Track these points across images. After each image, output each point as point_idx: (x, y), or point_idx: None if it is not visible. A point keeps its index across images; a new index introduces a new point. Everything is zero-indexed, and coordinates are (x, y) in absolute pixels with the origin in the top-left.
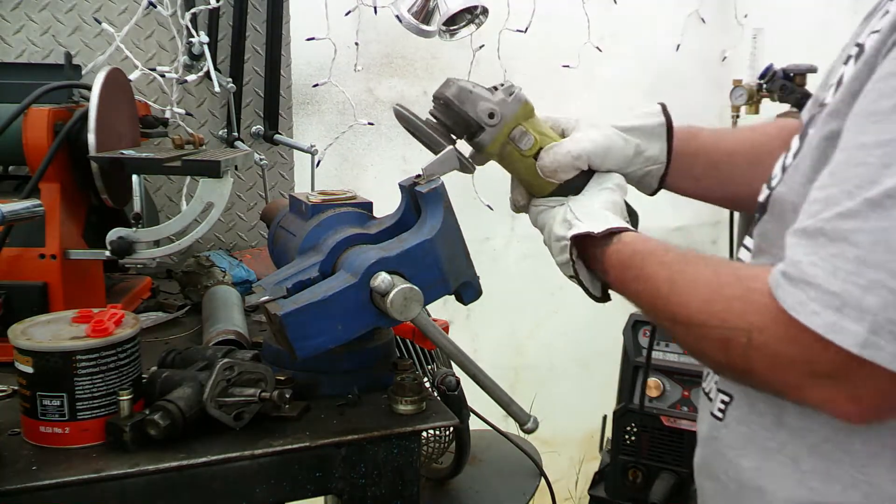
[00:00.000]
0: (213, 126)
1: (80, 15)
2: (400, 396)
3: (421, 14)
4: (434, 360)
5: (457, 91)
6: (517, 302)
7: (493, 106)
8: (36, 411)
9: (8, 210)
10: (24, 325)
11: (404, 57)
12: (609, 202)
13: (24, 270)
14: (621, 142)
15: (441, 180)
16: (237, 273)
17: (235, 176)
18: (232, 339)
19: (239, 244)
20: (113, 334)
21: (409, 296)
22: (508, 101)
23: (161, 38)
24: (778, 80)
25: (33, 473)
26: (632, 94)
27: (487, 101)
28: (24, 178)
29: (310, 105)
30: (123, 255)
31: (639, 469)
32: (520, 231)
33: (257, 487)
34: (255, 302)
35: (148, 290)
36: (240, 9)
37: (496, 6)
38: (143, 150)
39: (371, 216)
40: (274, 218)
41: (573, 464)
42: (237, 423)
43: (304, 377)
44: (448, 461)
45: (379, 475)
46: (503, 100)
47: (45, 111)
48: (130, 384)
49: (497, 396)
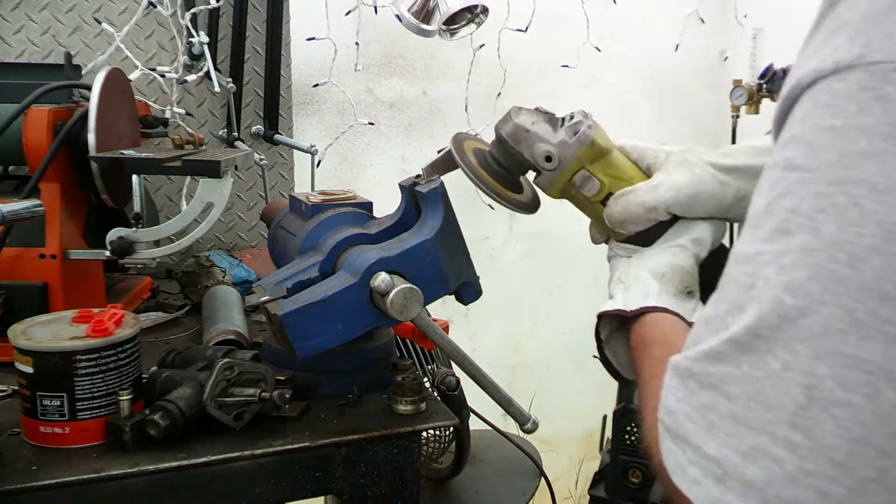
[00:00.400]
0: (213, 126)
1: (80, 15)
2: (400, 396)
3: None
4: (434, 360)
5: (512, 130)
6: (515, 301)
7: (550, 149)
8: (36, 411)
9: (8, 210)
10: (24, 325)
11: (403, 57)
12: (667, 266)
13: (24, 270)
14: (716, 187)
15: (441, 180)
16: (237, 273)
17: (235, 176)
18: (232, 339)
19: (239, 244)
20: (113, 334)
21: (409, 296)
22: (570, 143)
23: (161, 38)
24: (778, 80)
25: (33, 473)
26: (631, 94)
27: (545, 142)
28: (24, 178)
29: (309, 105)
30: (123, 255)
31: (639, 469)
32: (518, 230)
33: (257, 487)
34: (255, 302)
35: (148, 290)
36: (240, 9)
37: (496, 6)
38: (143, 150)
39: (371, 216)
40: (274, 218)
41: (573, 463)
42: (237, 423)
43: (304, 377)
44: (448, 461)
45: (379, 475)
46: (563, 141)
47: (45, 111)
48: (130, 384)
49: (497, 396)
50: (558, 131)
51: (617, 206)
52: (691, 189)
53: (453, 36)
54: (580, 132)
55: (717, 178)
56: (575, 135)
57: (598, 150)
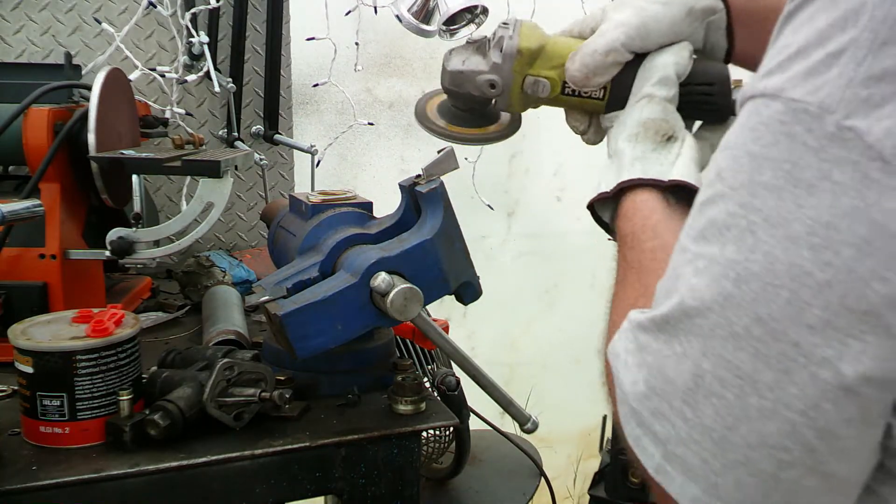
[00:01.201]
0: (213, 126)
1: (80, 15)
2: (400, 396)
3: (421, 14)
4: (434, 360)
5: (450, 78)
6: (513, 299)
7: (488, 77)
8: (36, 411)
9: (8, 210)
10: (24, 325)
11: (402, 57)
12: (638, 126)
13: (24, 270)
14: (660, 7)
15: (441, 180)
16: (237, 273)
17: (235, 176)
18: (232, 339)
19: (239, 244)
20: (113, 334)
21: (409, 296)
22: (501, 63)
23: (161, 38)
24: None
25: (33, 473)
26: None
27: (481, 73)
28: (24, 178)
29: (308, 105)
30: (123, 255)
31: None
32: (515, 229)
33: (257, 487)
34: (255, 302)
35: (148, 290)
36: (240, 9)
37: (496, 6)
38: (143, 150)
39: (371, 216)
40: (274, 218)
41: (570, 461)
42: (237, 423)
43: (304, 377)
44: (448, 461)
45: (379, 475)
46: (495, 64)
47: (45, 111)
48: (130, 384)
49: (497, 396)
50: (488, 55)
51: (574, 64)
52: (637, 19)
53: (453, 36)
54: (504, 46)
55: (657, 1)
56: (501, 51)
57: (531, 53)
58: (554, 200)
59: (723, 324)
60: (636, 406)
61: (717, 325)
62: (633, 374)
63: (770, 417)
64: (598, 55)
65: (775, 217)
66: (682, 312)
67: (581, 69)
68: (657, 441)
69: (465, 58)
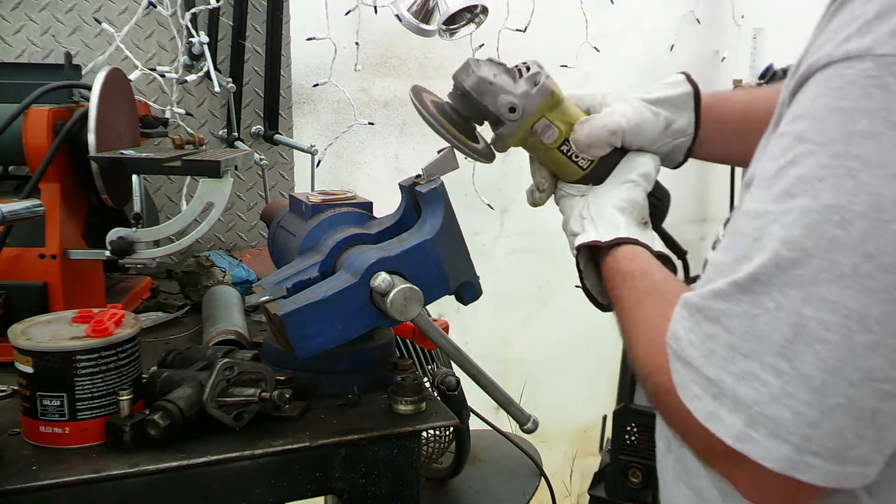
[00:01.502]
0: (213, 126)
1: (80, 15)
2: (400, 396)
3: (421, 13)
4: (434, 360)
5: (475, 83)
6: (506, 295)
7: (514, 100)
8: (36, 411)
9: (8, 210)
10: (24, 325)
11: (398, 57)
12: (626, 200)
13: (24, 270)
14: (651, 116)
15: (441, 180)
16: (237, 273)
17: (235, 176)
18: (232, 339)
19: (239, 244)
20: (113, 334)
21: (409, 296)
22: (532, 94)
23: (161, 38)
24: (778, 80)
25: (33, 473)
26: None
27: (509, 94)
28: (24, 178)
29: (305, 104)
30: (123, 255)
31: (639, 469)
32: (509, 226)
33: (257, 487)
34: (255, 302)
35: (148, 290)
36: (240, 9)
37: (496, 5)
38: (143, 150)
39: (371, 216)
40: (274, 218)
41: (567, 458)
42: (237, 423)
43: (304, 377)
44: (448, 461)
45: (379, 475)
46: (526, 92)
47: (45, 111)
48: (130, 384)
49: (497, 396)
50: (518, 83)
51: (583, 131)
52: (636, 117)
53: (453, 36)
54: (541, 83)
55: (650, 108)
56: (535, 85)
57: (556, 100)
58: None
59: (828, 267)
60: (713, 376)
61: (821, 269)
62: (707, 346)
63: (876, 350)
64: (605, 131)
65: (877, 159)
66: (775, 267)
67: (588, 137)
68: (739, 407)
69: (495, 72)
